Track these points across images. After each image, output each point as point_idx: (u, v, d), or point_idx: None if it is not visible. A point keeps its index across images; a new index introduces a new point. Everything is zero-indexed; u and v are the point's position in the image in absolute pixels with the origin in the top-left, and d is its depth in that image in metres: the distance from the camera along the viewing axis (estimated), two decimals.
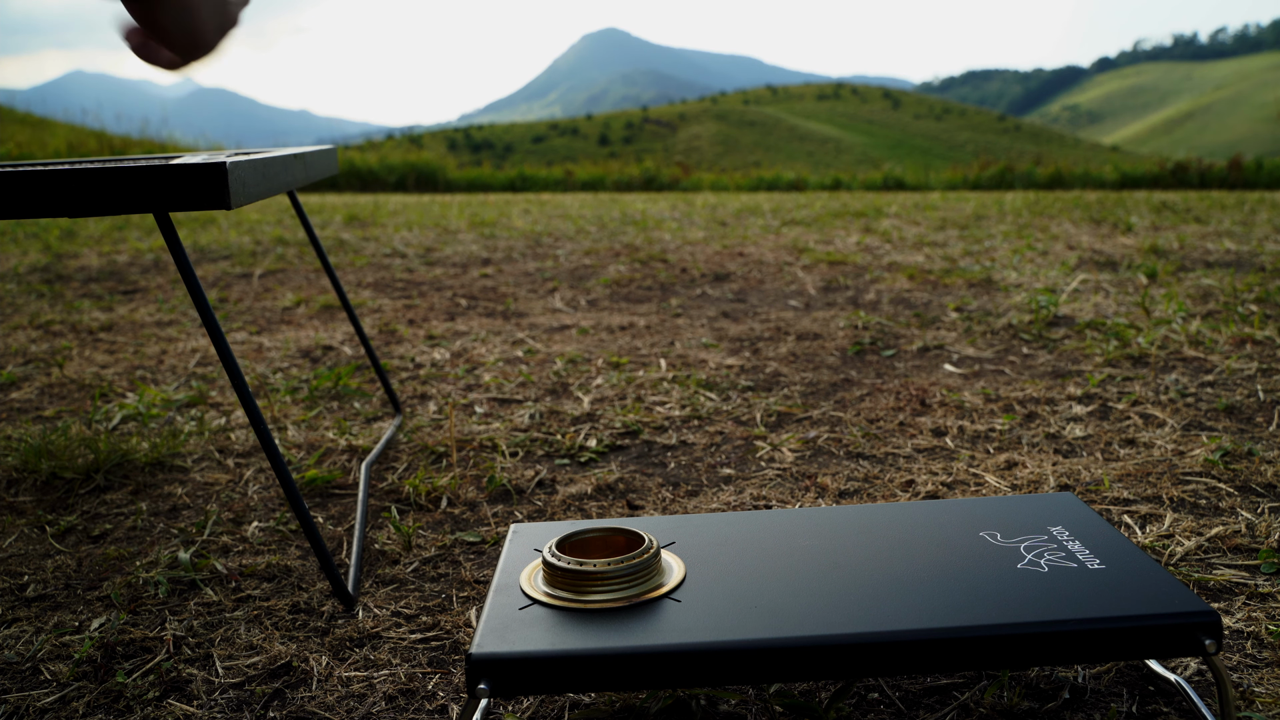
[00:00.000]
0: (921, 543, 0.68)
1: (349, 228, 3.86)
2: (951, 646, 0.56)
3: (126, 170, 0.73)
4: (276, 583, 0.90)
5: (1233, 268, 2.40)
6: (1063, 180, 7.76)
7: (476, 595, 0.86)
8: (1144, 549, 0.89)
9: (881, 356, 1.64)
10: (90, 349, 1.86)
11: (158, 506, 1.09)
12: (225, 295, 2.40)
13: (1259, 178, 7.49)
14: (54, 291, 2.48)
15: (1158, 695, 0.68)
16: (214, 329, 0.78)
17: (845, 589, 0.62)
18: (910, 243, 3.08)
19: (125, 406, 1.45)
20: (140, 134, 11.33)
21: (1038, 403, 1.35)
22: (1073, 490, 1.05)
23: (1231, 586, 0.82)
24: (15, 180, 0.73)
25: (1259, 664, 0.71)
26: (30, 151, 8.52)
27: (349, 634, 0.80)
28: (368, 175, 8.66)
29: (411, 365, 1.67)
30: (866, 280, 2.38)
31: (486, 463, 1.18)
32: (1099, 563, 0.63)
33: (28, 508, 1.10)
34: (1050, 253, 2.77)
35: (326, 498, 1.10)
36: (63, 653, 0.79)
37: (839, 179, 8.46)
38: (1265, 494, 1.02)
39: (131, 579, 0.91)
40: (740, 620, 0.58)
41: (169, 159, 0.81)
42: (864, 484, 1.09)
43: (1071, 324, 1.81)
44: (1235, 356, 1.53)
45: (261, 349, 1.82)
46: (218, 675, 0.75)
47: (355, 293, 2.39)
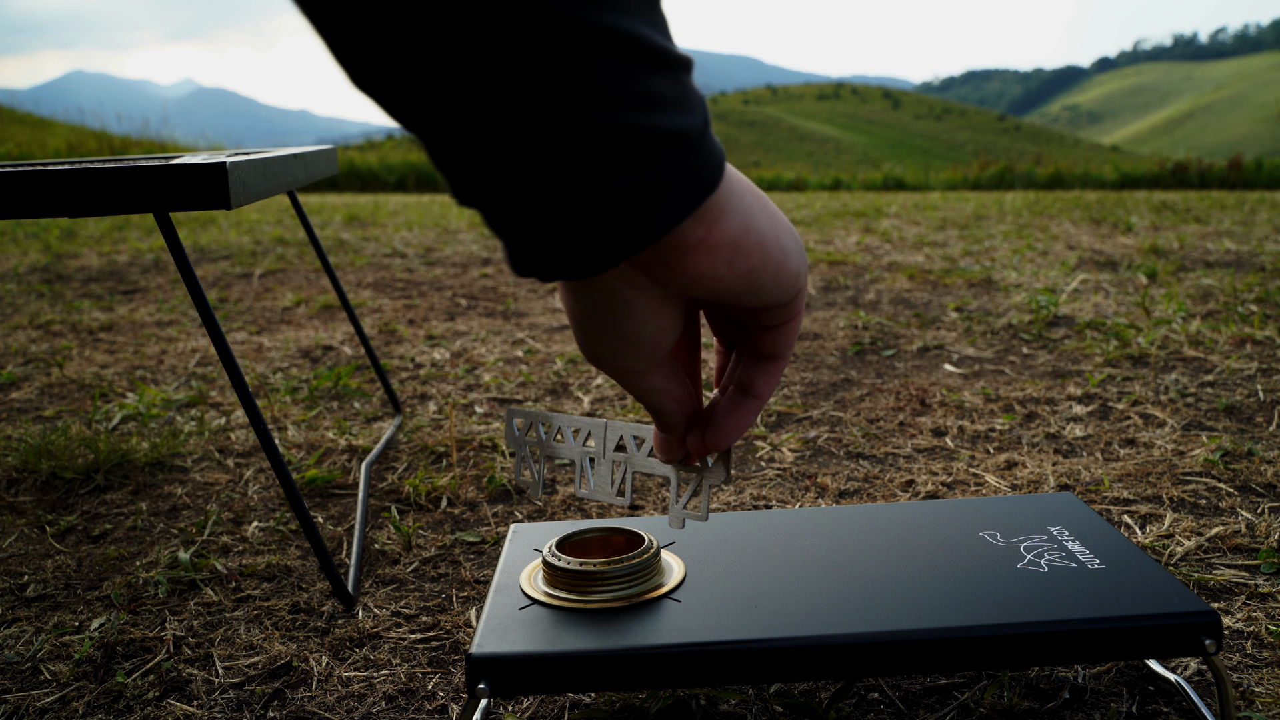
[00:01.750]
0: (921, 543, 0.68)
1: (349, 228, 3.86)
2: (951, 646, 0.56)
3: (126, 170, 0.73)
4: (276, 583, 0.90)
5: (1233, 268, 2.40)
6: (1063, 180, 7.77)
7: (476, 595, 0.86)
8: (1144, 549, 0.89)
9: (881, 356, 1.64)
10: (90, 349, 1.86)
11: (158, 506, 1.09)
12: (225, 295, 2.40)
13: (1259, 178, 7.50)
14: (54, 291, 2.49)
15: (1158, 695, 0.68)
16: (214, 329, 0.78)
17: (845, 589, 0.62)
18: (910, 243, 3.08)
19: (125, 406, 1.45)
20: (140, 134, 11.34)
21: (1038, 403, 1.35)
22: (1073, 490, 1.05)
23: (1231, 586, 0.82)
24: (15, 180, 0.73)
25: (1259, 664, 0.71)
26: (30, 151, 8.52)
27: (349, 634, 0.80)
28: (368, 175, 8.66)
29: (411, 365, 1.67)
30: (866, 280, 2.38)
31: (486, 463, 1.18)
32: (1099, 563, 0.63)
33: (28, 508, 1.10)
34: (1050, 253, 2.77)
35: (326, 498, 1.10)
36: (63, 653, 0.79)
37: (839, 179, 8.46)
38: (1265, 494, 1.02)
39: (131, 579, 0.91)
40: (740, 620, 0.58)
41: (169, 159, 0.81)
42: (864, 484, 1.09)
43: (1071, 324, 1.81)
44: (1235, 356, 1.53)
45: (261, 349, 1.82)
46: (218, 675, 0.75)
47: (355, 293, 2.39)
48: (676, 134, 0.35)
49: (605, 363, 0.42)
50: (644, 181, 0.35)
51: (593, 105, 0.33)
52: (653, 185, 0.35)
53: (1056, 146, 67.45)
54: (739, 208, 0.39)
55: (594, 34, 0.32)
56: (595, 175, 0.34)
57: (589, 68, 0.32)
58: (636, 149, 0.34)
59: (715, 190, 0.37)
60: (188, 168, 0.73)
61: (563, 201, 0.34)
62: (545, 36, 0.31)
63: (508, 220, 0.36)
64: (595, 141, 0.34)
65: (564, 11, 0.31)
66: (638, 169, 0.35)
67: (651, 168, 0.35)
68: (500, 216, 0.36)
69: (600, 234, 0.35)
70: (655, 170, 0.35)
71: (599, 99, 0.33)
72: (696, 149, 0.36)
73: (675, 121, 0.35)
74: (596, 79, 0.33)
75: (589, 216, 0.35)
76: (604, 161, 0.34)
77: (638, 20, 0.33)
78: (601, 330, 0.41)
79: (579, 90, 0.33)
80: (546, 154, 0.33)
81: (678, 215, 0.36)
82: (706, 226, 0.38)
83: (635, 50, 0.33)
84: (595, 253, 0.35)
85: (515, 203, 0.35)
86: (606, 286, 0.39)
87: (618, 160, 0.34)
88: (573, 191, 0.34)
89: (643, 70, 0.34)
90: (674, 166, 0.35)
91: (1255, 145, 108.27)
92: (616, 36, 0.33)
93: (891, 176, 8.22)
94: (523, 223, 0.35)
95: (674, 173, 0.36)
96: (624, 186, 0.35)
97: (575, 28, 0.31)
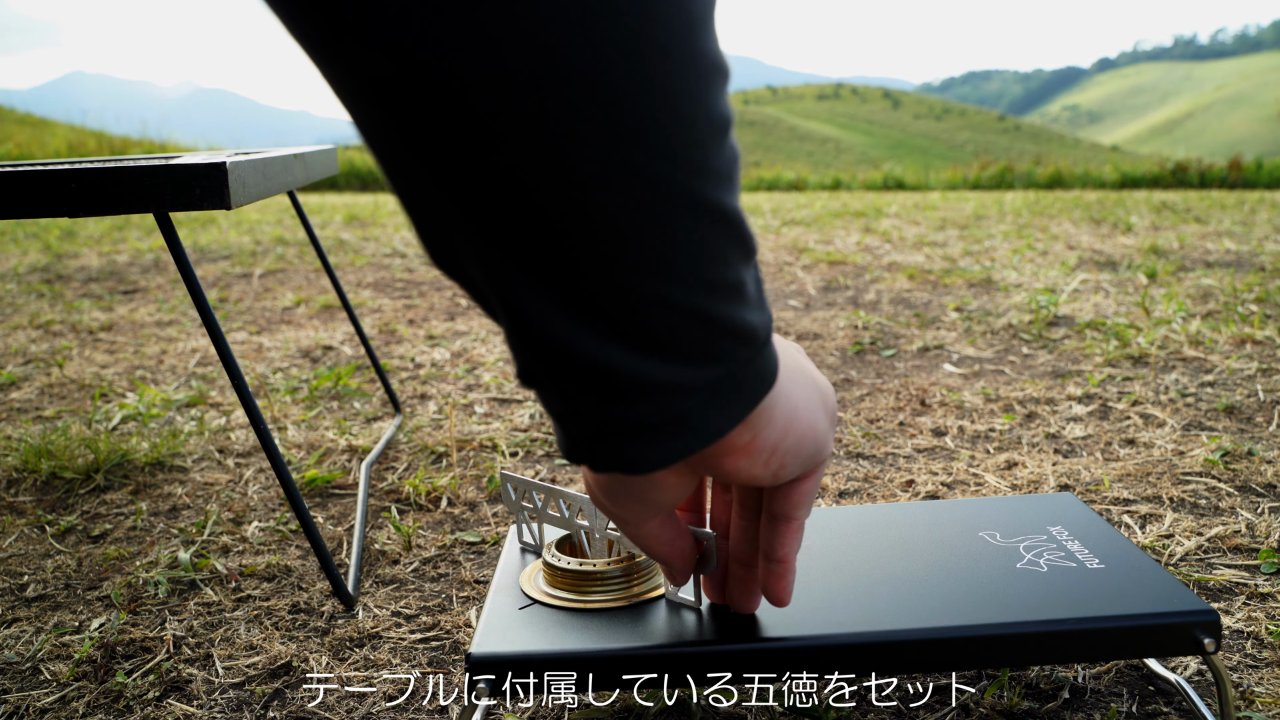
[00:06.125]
0: (921, 543, 0.68)
1: (349, 228, 3.86)
2: (950, 646, 0.56)
3: (126, 170, 0.73)
4: (276, 583, 0.90)
5: (1233, 268, 2.40)
6: (1063, 180, 7.76)
7: (476, 595, 0.86)
8: (1144, 549, 0.89)
9: (881, 356, 1.64)
10: (90, 349, 1.86)
11: (158, 506, 1.09)
12: (225, 295, 2.40)
13: (1259, 178, 7.49)
14: (54, 291, 2.49)
15: (1158, 695, 0.68)
16: (214, 329, 0.78)
17: (845, 589, 0.62)
18: (910, 243, 3.08)
19: (125, 406, 1.45)
20: (140, 134, 11.35)
21: (1038, 403, 1.35)
22: (1073, 490, 1.05)
23: (1231, 586, 0.82)
24: (15, 180, 0.73)
25: (1259, 664, 0.71)
26: (30, 151, 8.52)
27: (349, 634, 0.80)
28: (368, 175, 8.66)
29: (411, 365, 1.67)
30: (866, 280, 2.38)
31: (486, 463, 1.18)
32: (1098, 562, 0.63)
33: (28, 508, 1.10)
34: (1050, 253, 2.77)
35: (326, 498, 1.10)
36: (63, 653, 0.79)
37: (839, 179, 8.46)
38: (1265, 494, 1.02)
39: (131, 579, 0.91)
40: (740, 620, 0.58)
41: (169, 159, 0.81)
42: (864, 484, 1.09)
43: (1071, 324, 1.81)
44: (1235, 356, 1.53)
45: (261, 349, 1.82)
46: (218, 675, 0.75)
47: (355, 293, 2.39)
48: (752, 331, 0.33)
49: (616, 517, 0.42)
50: (722, 379, 0.33)
51: (695, 289, 0.30)
52: (724, 383, 0.33)
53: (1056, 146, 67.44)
54: (785, 407, 0.37)
55: (709, 213, 0.30)
56: (680, 368, 0.32)
57: (700, 249, 0.30)
58: (724, 343, 0.32)
59: (772, 390, 0.35)
60: (188, 168, 0.73)
61: (640, 394, 0.32)
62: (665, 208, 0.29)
63: (568, 408, 0.33)
64: (689, 330, 0.31)
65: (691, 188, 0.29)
66: (720, 363, 0.32)
67: (728, 364, 0.33)
68: (562, 404, 0.33)
69: (665, 439, 0.33)
70: (731, 366, 0.33)
71: (699, 284, 0.30)
72: (766, 347, 0.34)
73: (756, 317, 0.33)
74: (703, 262, 0.30)
75: (665, 416, 0.32)
76: (693, 354, 0.32)
77: (737, 198, 0.31)
78: (623, 497, 0.40)
79: (683, 272, 0.30)
80: (630, 336, 0.31)
81: (737, 419, 0.34)
82: (753, 432, 0.36)
83: (738, 234, 0.31)
84: (659, 456, 0.34)
85: (579, 390, 0.32)
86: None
87: (706, 353, 0.32)
88: (656, 388, 0.32)
89: (740, 258, 0.32)
90: (745, 366, 0.33)
91: (1255, 145, 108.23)
92: (728, 218, 0.30)
93: (891, 176, 8.22)
94: (586, 414, 0.33)
95: (744, 372, 0.33)
96: (708, 382, 0.32)
97: (694, 203, 0.29)
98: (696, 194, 0.29)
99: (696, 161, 0.29)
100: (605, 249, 0.29)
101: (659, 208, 0.29)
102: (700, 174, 0.29)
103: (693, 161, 0.29)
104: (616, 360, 0.31)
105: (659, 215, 0.29)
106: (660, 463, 0.34)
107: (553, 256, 0.29)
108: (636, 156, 0.27)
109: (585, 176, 0.28)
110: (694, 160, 0.29)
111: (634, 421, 0.33)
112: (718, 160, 0.29)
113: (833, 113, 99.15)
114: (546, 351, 0.31)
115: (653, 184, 0.28)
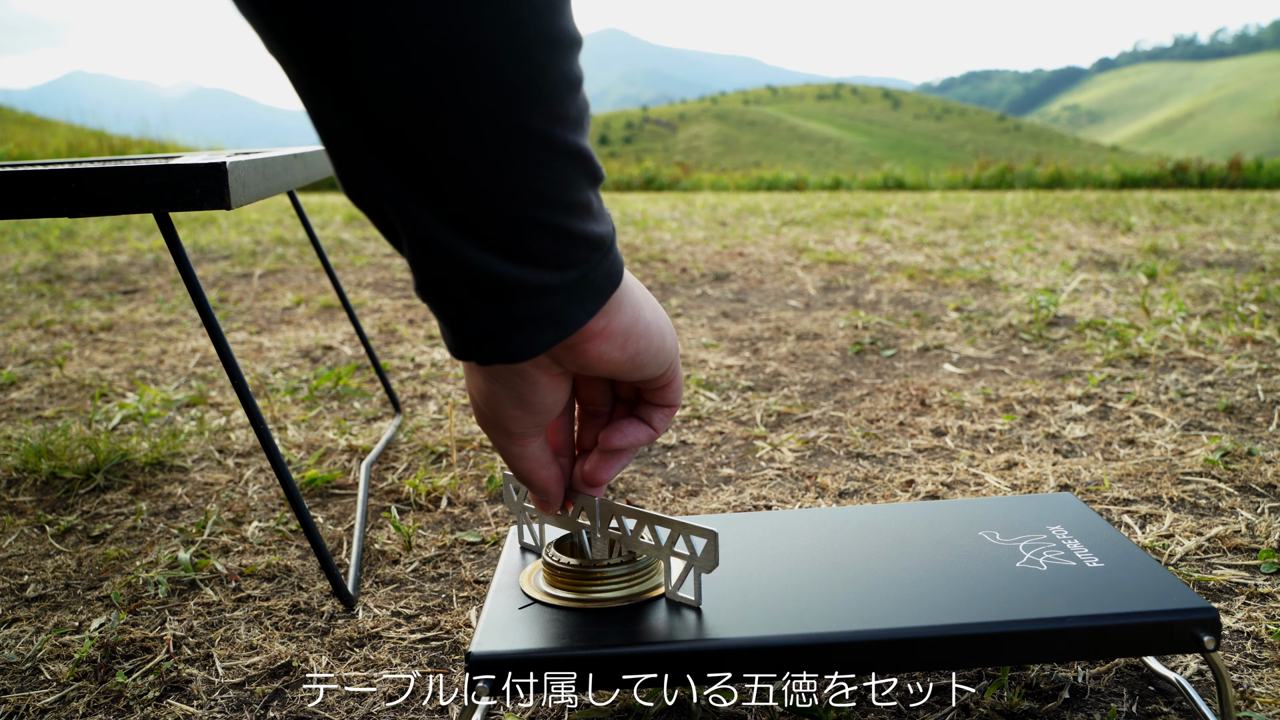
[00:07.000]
0: (921, 542, 0.68)
1: (349, 228, 3.86)
2: (950, 645, 0.56)
3: (126, 170, 0.73)
4: (276, 583, 0.90)
5: (1233, 268, 2.40)
6: (1063, 180, 7.76)
7: (476, 595, 0.86)
8: (1144, 549, 0.89)
9: (881, 356, 1.64)
10: (90, 349, 1.86)
11: (158, 506, 1.09)
12: (225, 295, 2.40)
13: (1259, 178, 7.49)
14: (54, 291, 2.49)
15: (1158, 695, 0.68)
16: (214, 329, 0.78)
17: (845, 588, 0.62)
18: (910, 243, 3.08)
19: (125, 406, 1.45)
20: (140, 134, 11.35)
21: (1038, 403, 1.35)
22: (1073, 490, 1.05)
23: (1231, 586, 0.83)
24: (15, 180, 0.73)
25: (1259, 664, 0.71)
26: (30, 151, 8.52)
27: (349, 634, 0.80)
28: None
29: (411, 365, 1.67)
30: (866, 280, 2.39)
31: (486, 463, 1.18)
32: (1098, 561, 0.63)
33: (28, 508, 1.10)
34: (1050, 253, 2.77)
35: (326, 498, 1.10)
36: (63, 653, 0.79)
37: (839, 179, 8.46)
38: (1265, 494, 1.02)
39: (131, 579, 0.92)
40: (740, 619, 0.58)
41: (169, 159, 0.81)
42: (864, 484, 1.09)
43: (1071, 324, 1.81)
44: (1235, 356, 1.53)
45: (261, 349, 1.82)
46: (218, 675, 0.75)
47: (355, 293, 2.39)
48: (599, 239, 0.42)
49: (499, 428, 0.49)
50: (578, 279, 0.41)
51: (555, 209, 0.39)
52: (581, 283, 0.41)
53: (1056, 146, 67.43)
54: (630, 300, 0.46)
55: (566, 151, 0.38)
56: (546, 272, 0.40)
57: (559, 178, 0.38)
58: (579, 250, 0.41)
59: (619, 286, 0.44)
60: (188, 168, 0.73)
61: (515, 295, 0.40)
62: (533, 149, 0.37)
63: (458, 311, 0.41)
64: (551, 241, 0.40)
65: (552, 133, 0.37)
66: (576, 267, 0.41)
67: (582, 267, 0.41)
68: (453, 307, 0.41)
69: (538, 331, 0.41)
70: (585, 269, 0.41)
71: (558, 205, 0.39)
72: (611, 251, 0.43)
73: (603, 228, 0.42)
74: (561, 189, 0.38)
75: (536, 312, 0.41)
76: (555, 260, 0.40)
77: (586, 138, 0.39)
78: (506, 403, 0.47)
79: (546, 197, 0.38)
80: (506, 248, 0.39)
81: (594, 308, 0.43)
82: (607, 318, 0.44)
83: (588, 166, 0.39)
84: (535, 345, 0.42)
85: (467, 295, 0.40)
86: (520, 368, 0.45)
87: (565, 259, 0.40)
88: (527, 289, 0.40)
89: (588, 184, 0.40)
90: (595, 268, 0.42)
91: (1255, 145, 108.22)
92: (580, 154, 0.39)
93: (891, 176, 8.21)
94: (472, 314, 0.41)
95: (596, 272, 0.42)
96: (568, 282, 0.41)
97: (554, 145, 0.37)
98: (556, 137, 0.37)
99: (557, 112, 0.37)
100: (486, 181, 0.37)
101: (528, 148, 0.37)
102: (560, 122, 0.37)
103: (553, 112, 0.37)
104: (496, 268, 0.39)
105: (528, 154, 0.37)
106: (536, 349, 0.42)
107: (445, 186, 0.37)
108: (511, 111, 0.36)
109: (474, 130, 0.35)
110: (554, 111, 0.37)
111: (512, 318, 0.41)
112: (573, 110, 0.38)
113: (833, 113, 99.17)
114: (439, 264, 0.39)
115: (524, 131, 0.36)
